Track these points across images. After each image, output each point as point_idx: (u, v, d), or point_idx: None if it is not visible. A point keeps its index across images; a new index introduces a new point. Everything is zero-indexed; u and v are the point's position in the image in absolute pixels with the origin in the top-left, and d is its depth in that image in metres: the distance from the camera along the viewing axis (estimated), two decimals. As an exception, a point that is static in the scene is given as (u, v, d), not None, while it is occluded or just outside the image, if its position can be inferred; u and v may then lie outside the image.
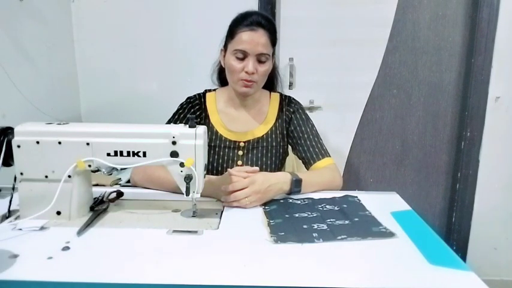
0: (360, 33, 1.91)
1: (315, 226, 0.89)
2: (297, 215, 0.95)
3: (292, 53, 1.93)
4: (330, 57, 1.94)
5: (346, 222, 0.91)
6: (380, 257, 0.77)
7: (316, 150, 1.22)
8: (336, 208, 0.99)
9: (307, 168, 1.23)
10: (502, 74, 1.87)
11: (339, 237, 0.83)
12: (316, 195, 1.08)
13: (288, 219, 0.93)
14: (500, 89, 1.89)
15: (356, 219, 0.93)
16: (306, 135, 1.24)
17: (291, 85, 1.93)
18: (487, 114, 1.91)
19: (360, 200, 1.05)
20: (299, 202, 1.04)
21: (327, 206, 0.99)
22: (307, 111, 1.96)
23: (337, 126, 2.01)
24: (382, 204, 1.05)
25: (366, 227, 0.89)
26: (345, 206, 1.01)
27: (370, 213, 0.97)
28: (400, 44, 1.93)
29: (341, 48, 1.93)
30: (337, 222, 0.91)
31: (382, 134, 2.03)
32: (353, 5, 1.89)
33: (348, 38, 1.92)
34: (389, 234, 0.85)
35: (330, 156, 1.23)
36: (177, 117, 1.25)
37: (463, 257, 2.05)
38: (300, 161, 1.27)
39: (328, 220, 0.92)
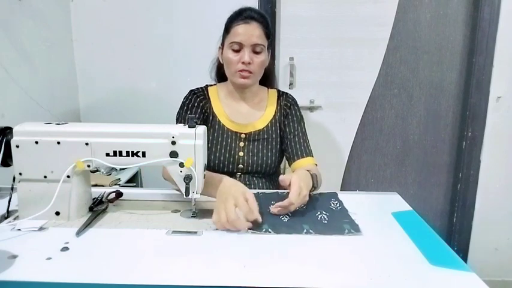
0: (361, 32, 1.91)
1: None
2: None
3: (292, 52, 1.93)
4: (331, 57, 1.93)
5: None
6: (381, 258, 0.77)
7: (302, 148, 1.27)
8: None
9: (289, 164, 1.28)
10: (503, 74, 1.87)
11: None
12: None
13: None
14: (501, 88, 1.88)
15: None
16: (296, 132, 1.29)
17: (291, 85, 1.93)
18: (488, 114, 1.91)
19: (337, 195, 1.09)
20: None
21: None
22: (308, 111, 1.99)
23: (337, 126, 2.00)
24: (383, 204, 1.05)
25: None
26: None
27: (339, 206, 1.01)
28: (401, 44, 1.93)
29: (341, 48, 1.92)
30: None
31: (383, 134, 2.03)
32: (353, 4, 1.88)
33: (348, 38, 1.91)
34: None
35: (313, 156, 1.27)
36: (186, 108, 1.26)
37: (464, 258, 2.04)
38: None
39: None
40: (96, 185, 1.41)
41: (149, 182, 2.01)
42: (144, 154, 0.88)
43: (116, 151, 0.88)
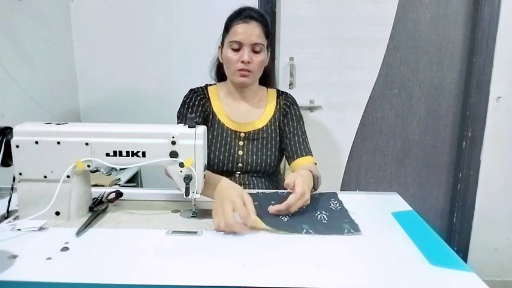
0: (361, 32, 1.91)
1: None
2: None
3: (292, 52, 1.93)
4: (331, 57, 1.93)
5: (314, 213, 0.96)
6: (381, 258, 0.77)
7: (302, 147, 1.27)
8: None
9: (289, 163, 1.28)
10: (503, 74, 1.87)
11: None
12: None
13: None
14: (501, 88, 1.88)
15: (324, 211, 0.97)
16: (295, 131, 1.29)
17: (291, 85, 1.93)
18: (488, 114, 1.91)
19: (336, 195, 1.08)
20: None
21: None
22: (308, 111, 1.99)
23: (337, 126, 2.00)
24: (383, 204, 1.05)
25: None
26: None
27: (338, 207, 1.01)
28: (401, 44, 1.93)
29: (341, 48, 1.92)
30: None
31: (383, 134, 2.03)
32: (353, 4, 1.88)
33: (348, 37, 1.91)
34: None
35: (312, 155, 1.27)
36: (187, 107, 1.26)
37: (464, 258, 2.04)
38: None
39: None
40: (96, 185, 1.41)
41: (149, 182, 2.01)
42: (144, 154, 0.88)
43: (116, 151, 0.88)
